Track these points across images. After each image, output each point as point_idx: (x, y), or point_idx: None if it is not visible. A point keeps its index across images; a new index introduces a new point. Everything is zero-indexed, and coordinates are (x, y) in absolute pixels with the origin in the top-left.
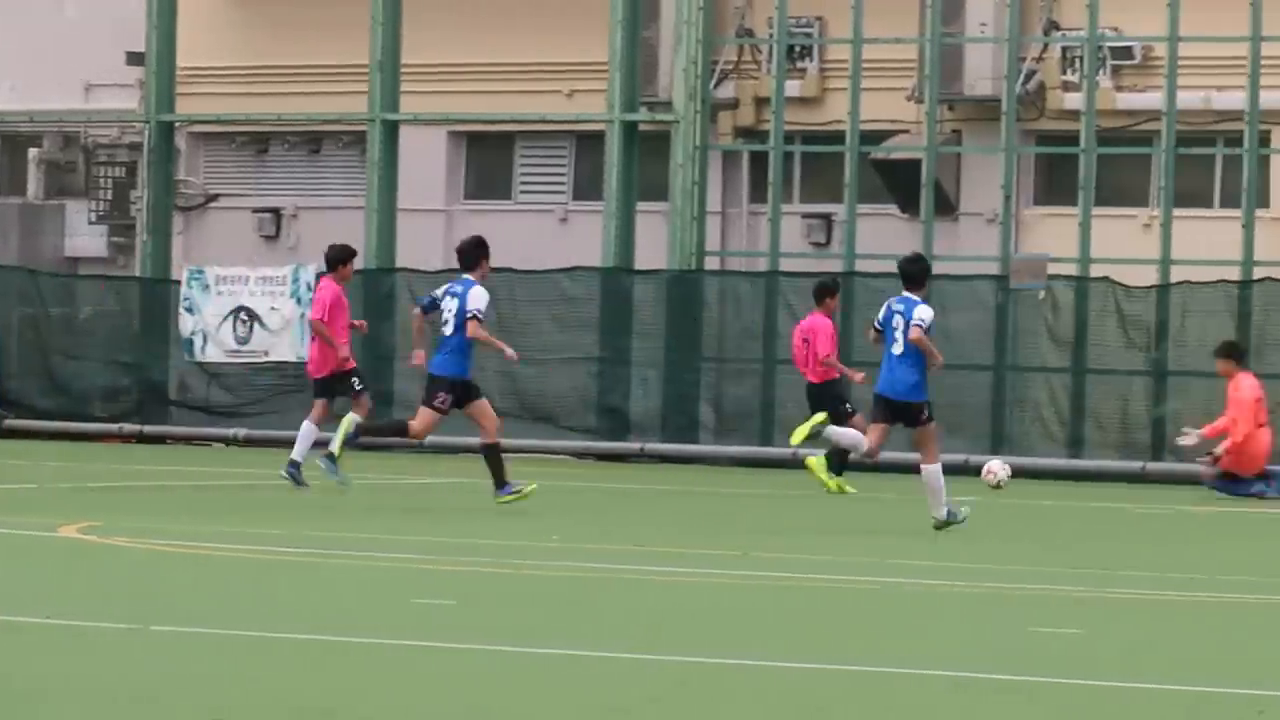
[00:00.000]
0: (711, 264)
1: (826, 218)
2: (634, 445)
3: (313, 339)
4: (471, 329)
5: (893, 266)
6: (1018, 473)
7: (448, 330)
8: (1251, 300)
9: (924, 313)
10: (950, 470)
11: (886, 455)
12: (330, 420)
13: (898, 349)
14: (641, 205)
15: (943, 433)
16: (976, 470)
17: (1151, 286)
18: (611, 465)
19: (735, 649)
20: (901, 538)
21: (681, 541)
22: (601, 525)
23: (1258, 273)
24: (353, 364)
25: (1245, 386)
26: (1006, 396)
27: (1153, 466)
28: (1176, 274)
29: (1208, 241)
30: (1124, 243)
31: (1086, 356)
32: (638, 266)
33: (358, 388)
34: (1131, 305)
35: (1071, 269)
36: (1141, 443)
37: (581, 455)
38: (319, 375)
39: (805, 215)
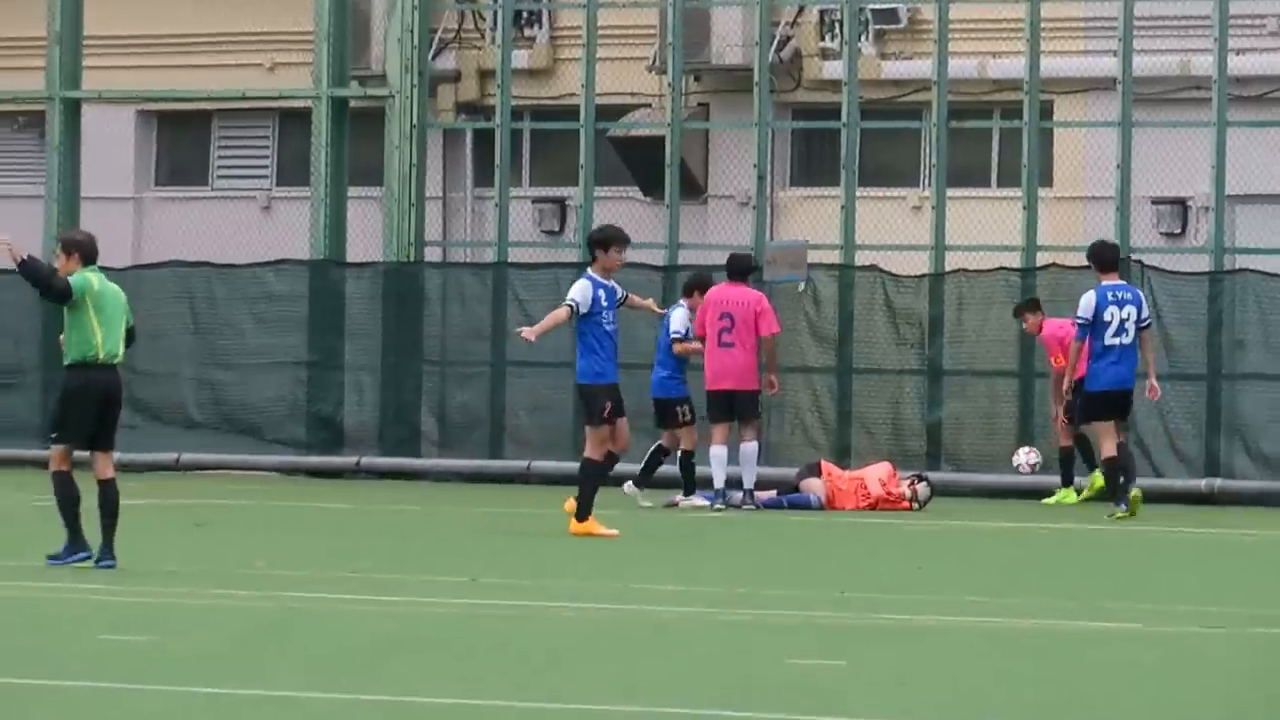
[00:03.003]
0: (433, 255)
1: (560, 202)
2: (349, 459)
3: None
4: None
5: (637, 255)
6: (774, 485)
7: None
8: (1035, 289)
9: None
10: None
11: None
12: None
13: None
14: (353, 190)
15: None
16: None
17: (924, 275)
18: (324, 482)
19: (460, 686)
20: (648, 562)
21: (402, 566)
22: (313, 549)
23: (1041, 258)
24: None
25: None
26: (765, 400)
27: (930, 476)
28: (951, 261)
29: (985, 225)
30: (892, 227)
31: (853, 355)
32: (350, 259)
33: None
34: (902, 297)
35: (834, 257)
36: (915, 450)
37: (290, 471)
38: None
39: (536, 200)
